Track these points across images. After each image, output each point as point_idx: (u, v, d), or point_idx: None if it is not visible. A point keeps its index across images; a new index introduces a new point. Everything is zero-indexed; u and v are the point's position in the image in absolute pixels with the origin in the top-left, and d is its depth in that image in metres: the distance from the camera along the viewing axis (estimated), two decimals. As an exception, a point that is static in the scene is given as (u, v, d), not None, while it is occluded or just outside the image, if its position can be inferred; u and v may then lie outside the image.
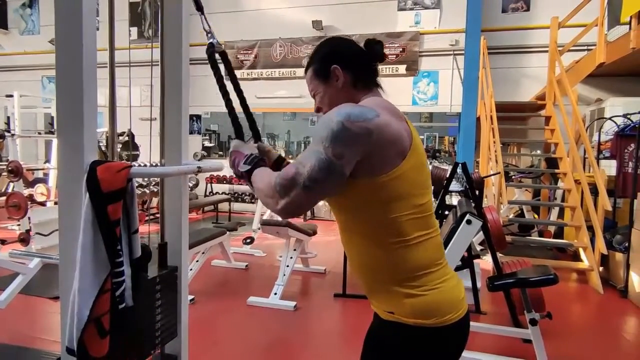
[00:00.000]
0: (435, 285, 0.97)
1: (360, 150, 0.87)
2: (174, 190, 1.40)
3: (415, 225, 0.95)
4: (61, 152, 1.11)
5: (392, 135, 0.90)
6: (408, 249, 0.95)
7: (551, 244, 4.78)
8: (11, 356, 2.37)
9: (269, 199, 0.93)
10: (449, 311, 0.96)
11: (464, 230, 2.00)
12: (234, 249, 4.67)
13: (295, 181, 0.87)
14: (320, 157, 0.86)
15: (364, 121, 0.86)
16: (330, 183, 0.88)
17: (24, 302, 3.00)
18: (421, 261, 0.97)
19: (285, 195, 0.89)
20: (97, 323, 1.05)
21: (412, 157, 0.93)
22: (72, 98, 1.08)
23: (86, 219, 1.04)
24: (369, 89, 1.06)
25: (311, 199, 0.90)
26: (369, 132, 0.86)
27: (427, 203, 0.99)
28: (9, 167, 3.96)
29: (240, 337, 2.74)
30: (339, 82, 1.04)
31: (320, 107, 1.09)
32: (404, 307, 0.96)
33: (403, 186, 0.92)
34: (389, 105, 0.99)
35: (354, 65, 1.04)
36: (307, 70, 1.09)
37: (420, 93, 7.09)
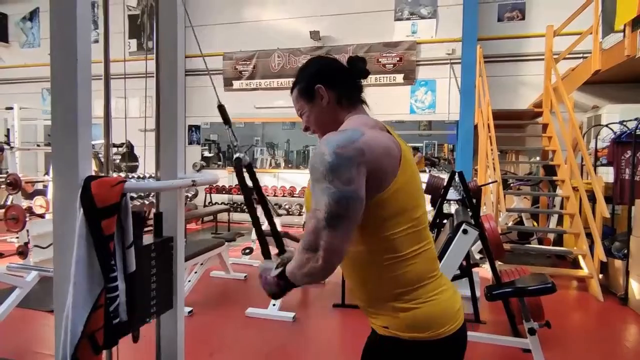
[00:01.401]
0: (429, 298, 0.97)
1: (362, 170, 0.87)
2: (169, 200, 1.41)
3: (409, 240, 0.96)
4: (56, 167, 1.12)
5: (382, 149, 0.91)
6: (402, 264, 0.95)
7: (550, 251, 4.77)
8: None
9: (309, 265, 0.89)
10: (445, 323, 0.96)
11: (461, 240, 2.00)
12: (233, 259, 4.66)
13: (319, 229, 0.86)
14: (331, 191, 0.85)
15: (352, 143, 0.87)
16: (352, 212, 0.86)
17: (21, 315, 2.98)
18: (415, 275, 0.97)
19: (317, 249, 0.87)
20: (91, 339, 1.05)
21: (405, 168, 0.94)
22: (67, 114, 1.09)
23: (80, 234, 1.05)
24: (354, 107, 1.07)
25: (343, 237, 0.87)
26: (362, 152, 0.87)
27: (422, 216, 1.00)
28: (7, 179, 3.97)
29: (239, 348, 2.72)
30: (323, 101, 1.05)
31: (307, 127, 1.11)
32: (398, 322, 0.96)
33: (400, 199, 0.93)
34: (372, 122, 1.01)
35: (338, 83, 1.05)
36: (293, 91, 1.10)
37: (418, 102, 7.13)
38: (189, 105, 8.09)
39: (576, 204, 4.46)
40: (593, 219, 4.09)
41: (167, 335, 1.46)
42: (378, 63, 7.14)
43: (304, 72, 1.09)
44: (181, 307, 1.49)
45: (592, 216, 4.11)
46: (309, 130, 1.11)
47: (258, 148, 13.03)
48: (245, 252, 4.84)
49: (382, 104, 7.04)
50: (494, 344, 2.60)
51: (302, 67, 1.10)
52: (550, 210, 5.32)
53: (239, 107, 7.79)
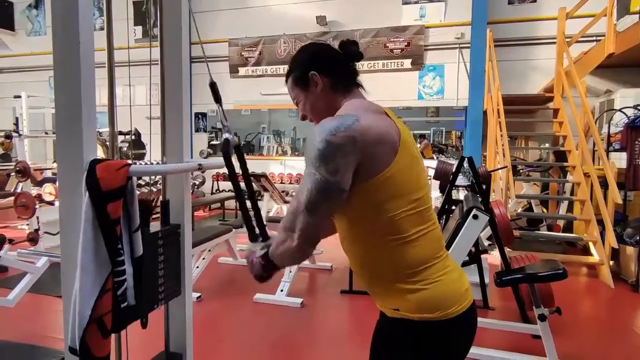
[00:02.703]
0: (437, 278, 0.96)
1: (351, 160, 0.87)
2: (176, 186, 1.41)
3: (412, 221, 0.95)
4: (60, 150, 1.10)
5: (377, 135, 0.89)
6: (406, 245, 0.95)
7: (560, 238, 4.72)
8: (21, 354, 2.39)
9: (285, 245, 0.95)
10: (453, 303, 0.96)
11: (471, 226, 1.97)
12: (241, 246, 4.68)
13: (297, 211, 0.90)
14: (315, 178, 0.87)
15: (345, 130, 0.86)
16: (332, 201, 0.89)
17: (32, 300, 3.03)
18: (420, 256, 0.96)
19: (295, 229, 0.91)
20: (99, 323, 1.05)
21: (404, 151, 0.92)
22: (71, 96, 1.07)
23: (86, 218, 1.03)
24: (349, 91, 1.06)
25: (318, 223, 0.91)
26: (353, 139, 0.86)
27: (424, 197, 0.98)
28: (17, 167, 3.99)
29: (247, 333, 2.74)
30: (317, 87, 1.04)
31: (304, 115, 1.10)
32: (407, 303, 0.95)
33: (398, 183, 0.92)
34: (370, 105, 0.99)
35: (331, 68, 1.04)
36: (287, 79, 1.09)
37: (426, 87, 7.03)
38: (195, 93, 8.06)
39: (587, 190, 4.39)
40: (604, 205, 4.03)
41: (175, 321, 1.46)
42: (385, 48, 7.03)
43: (297, 60, 1.08)
44: (189, 293, 1.49)
45: (603, 202, 4.05)
46: (306, 119, 1.10)
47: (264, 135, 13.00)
48: (252, 239, 4.85)
49: (389, 89, 6.95)
50: (503, 330, 2.59)
51: (295, 55, 1.09)
52: (560, 196, 5.25)
53: (245, 94, 7.74)
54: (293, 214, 0.91)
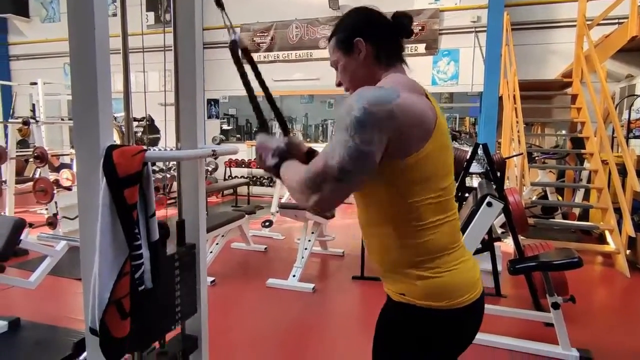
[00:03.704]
0: (450, 268, 0.95)
1: (386, 134, 0.83)
2: (190, 172, 1.42)
3: (435, 209, 0.93)
4: (77, 137, 1.12)
5: (415, 116, 0.86)
6: (426, 232, 0.93)
7: (575, 226, 4.65)
8: (42, 334, 2.48)
9: (300, 195, 0.90)
10: (462, 294, 0.95)
11: (485, 213, 1.95)
12: (253, 231, 4.73)
13: (326, 175, 0.84)
14: (349, 145, 0.82)
15: (385, 104, 0.83)
16: (363, 172, 0.84)
17: (52, 282, 3.12)
18: (438, 244, 0.95)
19: (317, 190, 0.85)
20: (118, 305, 1.08)
21: (437, 137, 0.89)
22: (87, 83, 1.08)
23: (104, 203, 1.05)
24: (392, 65, 1.01)
25: (345, 192, 0.86)
26: (392, 114, 0.83)
27: (450, 186, 0.96)
28: (34, 153, 4.08)
29: (260, 318, 2.79)
30: (360, 55, 0.99)
31: (340, 82, 1.06)
32: (416, 289, 0.95)
33: (427, 168, 0.89)
34: (412, 83, 0.94)
35: (378, 39, 0.99)
36: (331, 40, 1.04)
37: (440, 73, 6.92)
38: (207, 79, 8.07)
39: (605, 178, 4.31)
40: (622, 193, 3.95)
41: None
42: (399, 32, 6.91)
43: (345, 22, 1.02)
44: (204, 278, 1.52)
45: (621, 190, 3.97)
46: (342, 85, 1.06)
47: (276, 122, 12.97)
48: (265, 224, 4.90)
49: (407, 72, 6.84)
50: (515, 317, 2.58)
51: (344, 16, 1.04)
52: (577, 184, 5.16)
53: (257, 81, 7.71)
54: (322, 176, 0.84)
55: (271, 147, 1.07)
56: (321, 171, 0.84)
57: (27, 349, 2.32)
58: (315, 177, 0.85)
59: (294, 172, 0.95)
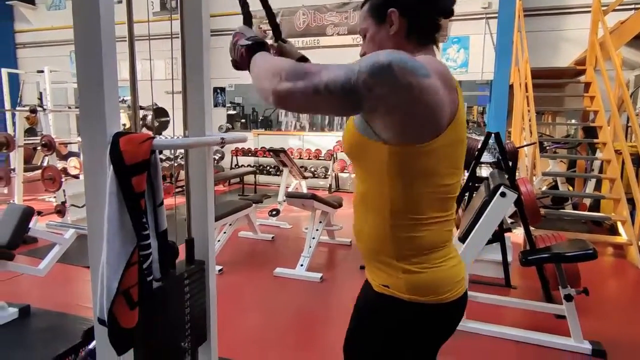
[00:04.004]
0: (436, 264, 0.94)
1: (391, 102, 0.76)
2: (199, 174, 1.41)
3: (434, 205, 0.91)
4: (84, 124, 1.09)
5: (434, 104, 0.79)
6: (421, 227, 0.91)
7: (587, 217, 4.58)
8: (53, 321, 2.49)
9: (270, 78, 0.81)
10: (447, 290, 0.94)
11: (498, 203, 1.90)
12: (260, 220, 4.72)
13: (310, 76, 0.78)
14: (350, 75, 0.75)
15: (411, 75, 0.75)
16: (340, 103, 0.78)
17: (62, 270, 3.14)
18: (429, 241, 0.93)
19: (290, 80, 0.78)
20: (126, 295, 1.06)
21: (452, 132, 0.83)
22: (92, 70, 1.05)
23: (111, 191, 1.03)
24: (424, 46, 0.93)
25: (311, 102, 0.79)
26: (410, 88, 0.75)
27: (454, 185, 0.93)
28: (42, 141, 4.08)
29: (267, 307, 2.79)
30: (392, 28, 0.91)
31: (365, 53, 0.97)
32: (399, 282, 0.93)
33: (434, 161, 0.85)
34: (444, 70, 0.84)
35: (414, 14, 0.90)
36: (364, 5, 0.97)
37: (450, 60, 6.79)
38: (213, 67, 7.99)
39: (618, 168, 4.22)
40: (636, 184, 3.87)
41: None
42: (408, 19, 6.78)
43: None
44: (212, 266, 1.51)
45: (635, 180, 3.89)
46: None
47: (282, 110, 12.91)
48: (272, 213, 4.89)
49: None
50: (526, 309, 2.55)
51: None
52: (589, 174, 5.07)
53: (264, 68, 7.65)
54: (306, 74, 0.78)
55: (248, 34, 0.99)
56: (309, 71, 0.78)
57: (37, 336, 2.34)
58: (299, 71, 0.79)
59: (274, 59, 0.88)
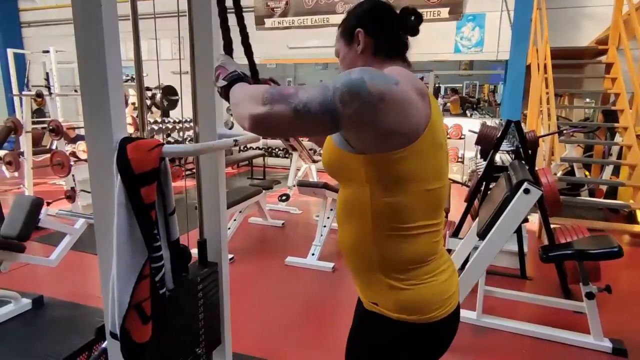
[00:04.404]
0: (424, 280, 0.91)
1: (367, 114, 0.76)
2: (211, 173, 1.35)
3: (417, 213, 0.87)
4: (88, 128, 1.03)
5: (407, 110, 0.80)
6: (404, 238, 0.88)
7: (604, 204, 4.46)
8: (67, 312, 2.50)
9: (248, 103, 0.82)
10: (435, 308, 0.91)
11: (521, 200, 1.82)
12: (270, 205, 4.69)
13: (287, 98, 0.78)
14: (327, 94, 0.77)
15: (382, 85, 0.76)
16: (319, 122, 0.78)
17: (73, 258, 3.13)
18: (416, 254, 0.90)
19: (268, 103, 0.78)
20: (138, 309, 1.02)
21: (428, 136, 0.83)
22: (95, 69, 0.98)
23: (119, 202, 0.97)
24: (392, 61, 0.96)
25: (292, 125, 0.79)
26: (381, 97, 0.76)
27: (437, 191, 0.89)
28: (50, 126, 4.03)
29: (279, 296, 2.77)
30: (359, 47, 0.96)
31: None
32: (387, 300, 0.91)
33: (412, 167, 0.84)
34: (413, 77, 0.87)
35: (380, 32, 0.96)
36: (338, 28, 1.03)
37: (464, 39, 6.55)
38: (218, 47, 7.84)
39: (639, 154, 4.08)
40: (658, 171, 3.74)
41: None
42: (421, -5, 6.51)
43: (351, 12, 1.01)
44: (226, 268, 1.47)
45: (657, 168, 3.76)
46: None
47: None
48: (281, 198, 4.85)
49: (422, 42, 6.47)
50: (543, 305, 2.48)
51: (354, 5, 1.02)
52: (608, 160, 4.90)
53: (272, 48, 7.46)
54: (283, 97, 0.78)
55: (229, 70, 0.98)
56: (286, 94, 0.79)
57: (52, 328, 2.34)
58: (276, 95, 0.79)
59: (251, 87, 0.89)
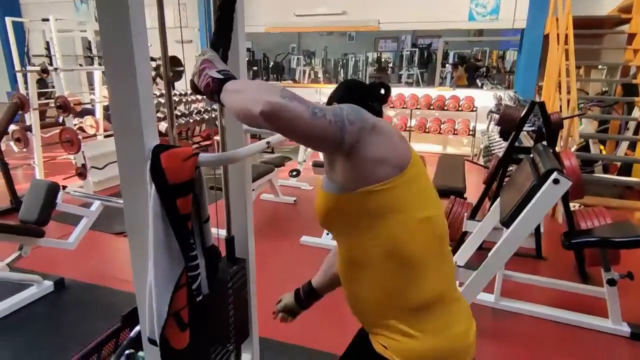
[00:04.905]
0: (439, 328, 0.87)
1: (364, 136, 0.79)
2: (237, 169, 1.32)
3: (419, 245, 0.84)
4: (118, 136, 0.98)
5: (392, 140, 0.84)
6: (412, 275, 0.85)
7: (620, 182, 4.39)
8: (89, 294, 2.53)
9: (263, 92, 0.74)
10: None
11: (549, 191, 1.77)
12: (281, 181, 4.66)
13: (304, 101, 0.76)
14: (337, 109, 0.79)
15: (371, 117, 0.83)
16: (330, 131, 0.77)
17: (90, 238, 3.14)
18: (426, 292, 0.86)
19: (287, 97, 0.73)
20: (177, 317, 1.01)
21: (412, 171, 0.84)
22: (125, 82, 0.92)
23: (155, 213, 0.94)
24: None
25: (305, 123, 0.74)
26: (374, 125, 0.81)
27: (435, 219, 0.87)
28: (57, 102, 3.95)
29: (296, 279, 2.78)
30: None
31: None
32: (398, 347, 0.87)
33: (402, 196, 0.83)
34: (392, 127, 0.90)
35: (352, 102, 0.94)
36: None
37: (479, 6, 6.29)
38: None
39: (659, 130, 3.98)
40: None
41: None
42: (435, -41, 6.20)
43: (331, 94, 1.04)
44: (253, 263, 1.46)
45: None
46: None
47: (294, 57, 12.41)
48: (292, 174, 4.81)
49: (434, 9, 6.29)
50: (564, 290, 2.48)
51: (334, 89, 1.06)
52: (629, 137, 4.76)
53: (277, 15, 7.22)
54: (301, 99, 0.75)
55: (219, 67, 0.89)
56: (303, 99, 0.76)
57: (76, 311, 2.37)
58: (294, 94, 0.76)
59: (256, 81, 0.87)
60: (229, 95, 0.83)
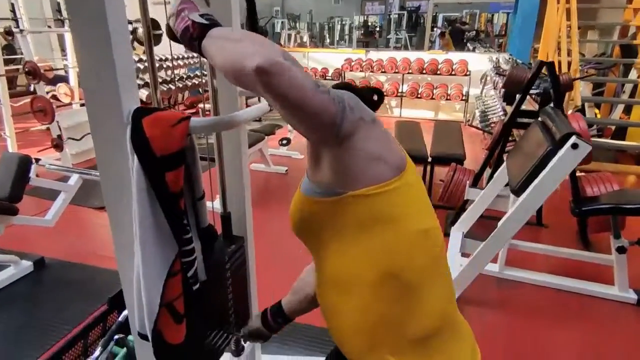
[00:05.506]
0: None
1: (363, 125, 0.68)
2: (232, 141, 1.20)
3: (414, 260, 0.71)
4: (88, 97, 0.81)
5: (389, 139, 0.73)
6: (411, 297, 0.71)
7: (616, 146, 4.33)
8: (71, 274, 2.38)
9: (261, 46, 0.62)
10: None
11: (567, 156, 1.65)
12: (271, 150, 4.49)
13: (307, 74, 0.63)
14: (338, 93, 0.68)
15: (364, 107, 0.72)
16: (329, 110, 0.64)
17: (70, 213, 2.95)
18: (428, 319, 0.73)
19: (289, 60, 0.61)
20: (170, 308, 0.87)
21: (410, 177, 0.72)
22: (94, 25, 0.73)
23: (139, 188, 0.78)
24: None
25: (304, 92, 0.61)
26: (373, 118, 0.71)
27: (432, 232, 0.73)
28: (25, 68, 3.64)
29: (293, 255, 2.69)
30: None
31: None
32: None
33: (399, 205, 0.70)
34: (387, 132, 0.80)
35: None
36: None
37: (474, -37, 5.98)
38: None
39: (657, 93, 3.90)
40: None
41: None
42: None
43: None
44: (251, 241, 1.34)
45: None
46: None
47: (278, 20, 11.91)
48: (282, 142, 4.64)
49: None
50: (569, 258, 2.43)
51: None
52: (622, 99, 4.69)
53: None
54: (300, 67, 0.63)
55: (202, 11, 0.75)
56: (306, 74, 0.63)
57: (59, 292, 2.23)
58: (296, 61, 0.63)
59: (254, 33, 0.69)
60: (216, 42, 0.70)
